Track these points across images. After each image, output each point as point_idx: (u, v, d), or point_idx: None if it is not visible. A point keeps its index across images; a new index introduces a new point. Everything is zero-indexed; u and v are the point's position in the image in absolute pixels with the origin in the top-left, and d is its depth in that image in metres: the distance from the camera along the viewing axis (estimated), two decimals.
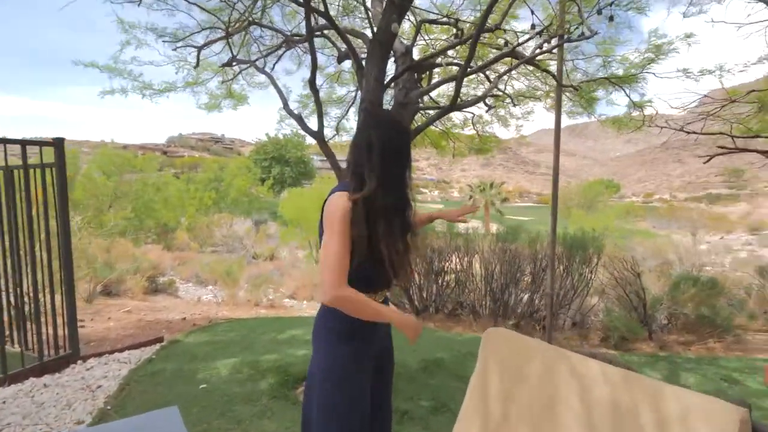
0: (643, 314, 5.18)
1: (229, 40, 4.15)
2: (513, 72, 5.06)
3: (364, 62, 3.19)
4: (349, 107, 6.96)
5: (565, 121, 5.64)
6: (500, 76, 3.65)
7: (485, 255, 6.27)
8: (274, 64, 4.94)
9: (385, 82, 3.19)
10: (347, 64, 5.77)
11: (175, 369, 3.69)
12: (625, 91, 5.27)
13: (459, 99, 3.06)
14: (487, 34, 3.91)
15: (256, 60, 4.41)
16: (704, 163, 5.52)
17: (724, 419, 0.95)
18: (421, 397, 3.31)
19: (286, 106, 3.35)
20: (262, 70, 3.76)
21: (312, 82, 2.93)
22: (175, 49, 4.47)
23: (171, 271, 11.29)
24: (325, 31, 4.13)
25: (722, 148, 5.02)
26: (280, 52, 4.90)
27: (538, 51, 3.42)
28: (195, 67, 4.69)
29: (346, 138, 7.98)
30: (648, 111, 5.49)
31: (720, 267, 9.69)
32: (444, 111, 3.06)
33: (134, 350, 4.21)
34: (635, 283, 5.20)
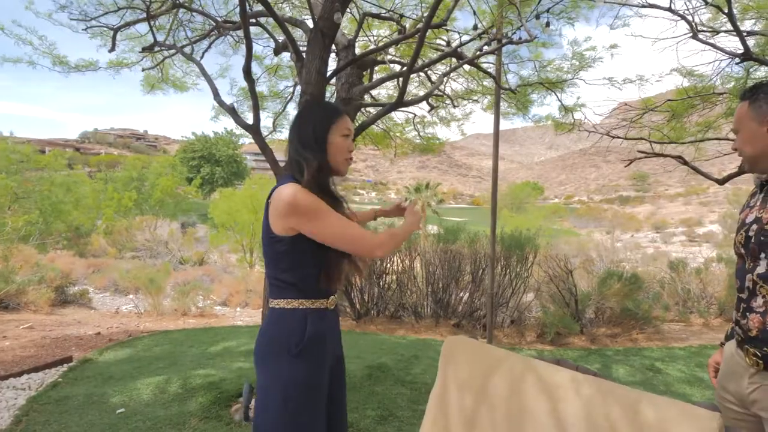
0: (575, 310, 5.45)
1: (153, 22, 3.73)
2: (452, 73, 5.10)
3: (304, 54, 2.99)
4: (288, 102, 6.67)
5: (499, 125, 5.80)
6: (444, 75, 3.61)
7: (427, 256, 6.27)
8: (203, 52, 4.56)
9: (327, 75, 3.00)
10: (286, 57, 5.50)
11: (86, 393, 3.22)
12: (557, 95, 5.53)
13: (403, 97, 2.97)
14: (429, 31, 3.86)
15: (184, 46, 4.02)
16: (625, 166, 5.93)
17: (703, 427, 0.90)
18: (366, 407, 3.16)
19: (216, 96, 3.04)
20: (190, 57, 3.41)
21: (247, 71, 2.68)
22: (85, 29, 3.95)
23: (84, 279, 10.17)
24: (261, 19, 3.84)
25: (642, 152, 5.41)
26: (210, 39, 4.54)
27: (479, 53, 3.42)
28: (110, 51, 4.18)
29: (285, 135, 7.63)
30: (577, 116, 5.82)
31: (634, 262, 10.56)
32: (390, 108, 2.95)
33: (35, 373, 3.64)
34: (568, 280, 5.47)
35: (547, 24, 3.77)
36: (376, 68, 5.16)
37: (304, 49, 3.04)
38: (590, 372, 1.15)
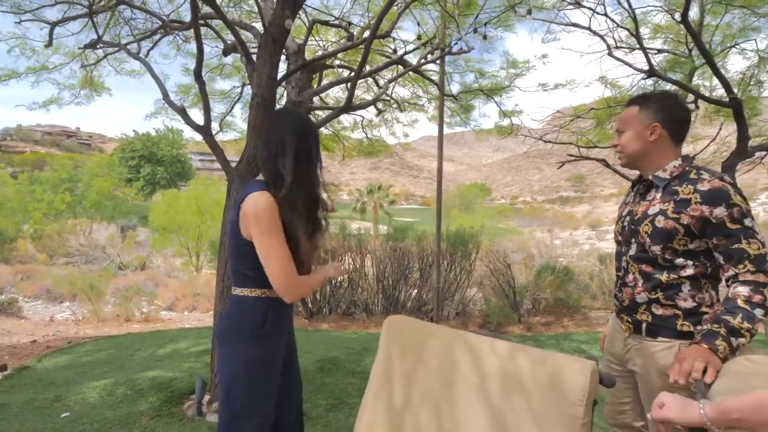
0: (513, 301, 5.88)
1: (93, 18, 3.65)
2: (399, 79, 5.36)
3: (254, 57, 3.09)
4: (235, 102, 6.63)
5: (445, 128, 6.15)
6: (390, 82, 3.83)
7: (377, 254, 6.48)
8: (149, 50, 4.48)
9: (278, 79, 3.12)
10: (231, 57, 5.50)
11: (25, 400, 3.11)
12: (495, 101, 5.95)
13: (352, 101, 3.14)
14: (376, 40, 4.07)
15: (128, 44, 3.96)
16: (558, 168, 6.47)
17: (581, 369, 1.15)
18: (318, 397, 3.30)
19: (166, 97, 3.06)
20: (136, 56, 3.38)
21: (198, 73, 2.74)
22: (19, 22, 3.78)
23: (11, 288, 9.45)
24: (210, 21, 3.87)
25: (571, 156, 5.95)
26: (155, 37, 4.47)
27: (423, 61, 3.67)
28: (46, 47, 4.03)
29: (231, 136, 7.57)
30: (515, 121, 6.28)
31: (570, 258, 11.36)
32: (338, 112, 3.11)
33: None
34: (506, 274, 5.90)
35: (485, 37, 4.09)
36: (325, 72, 5.31)
37: (254, 51, 3.13)
38: (504, 338, 1.38)
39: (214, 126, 6.18)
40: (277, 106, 3.34)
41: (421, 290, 6.33)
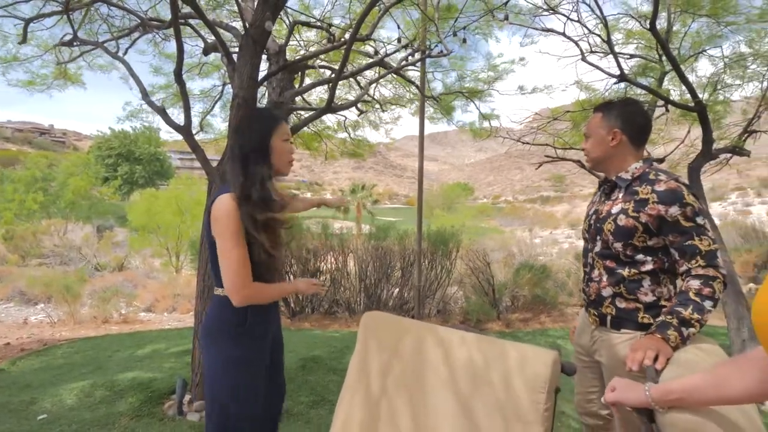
0: (493, 298, 6.01)
1: (69, 15, 3.61)
2: (381, 80, 5.42)
3: (235, 57, 3.10)
4: (215, 102, 6.59)
5: (428, 128, 6.26)
6: (371, 83, 3.88)
7: (359, 253, 6.53)
8: (126, 49, 4.43)
9: (259, 80, 3.14)
10: (211, 55, 5.47)
11: (1, 403, 3.06)
12: (475, 104, 6.06)
13: (333, 102, 3.19)
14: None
15: (105, 42, 3.91)
16: (536, 169, 6.62)
17: (544, 359, 1.23)
18: (300, 394, 3.34)
19: (146, 96, 3.05)
20: (114, 55, 3.36)
21: (178, 73, 2.74)
22: None
23: None
24: (191, 20, 3.86)
25: (548, 157, 6.10)
26: (133, 35, 4.42)
27: (404, 63, 3.73)
28: (20, 43, 3.95)
29: (212, 135, 7.51)
30: (494, 123, 6.41)
31: (549, 256, 11.60)
32: (320, 112, 3.15)
33: None
34: (486, 272, 6.02)
35: (464, 40, 4.19)
36: (307, 72, 5.33)
37: (234, 51, 3.15)
38: (475, 331, 1.45)
39: (194, 125, 6.14)
40: (259, 107, 3.36)
41: (403, 289, 6.42)
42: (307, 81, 4.77)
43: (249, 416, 1.51)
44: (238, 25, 4.24)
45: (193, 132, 6.51)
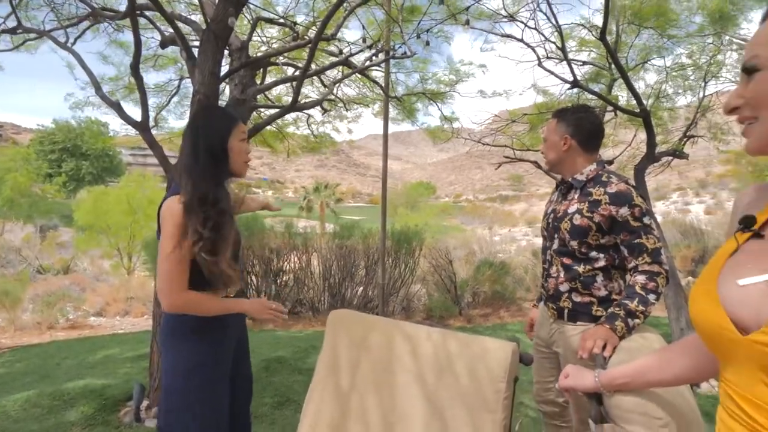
0: (455, 295, 6.16)
1: (12, 1, 3.37)
2: (345, 79, 5.42)
3: (195, 51, 3.02)
4: (171, 97, 6.37)
5: (392, 128, 6.32)
6: (336, 83, 3.88)
7: (323, 252, 6.50)
8: (75, 39, 4.20)
9: (221, 76, 3.07)
10: (168, 48, 5.29)
11: None
12: (437, 106, 6.19)
13: (297, 100, 3.17)
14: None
15: (52, 30, 3.69)
16: (495, 169, 6.85)
17: (503, 350, 1.30)
18: (264, 396, 3.30)
19: (99, 90, 2.91)
20: (63, 46, 3.18)
21: (135, 67, 2.64)
22: None
23: None
24: (147, 12, 3.72)
25: (507, 157, 6.32)
26: (83, 25, 4.19)
27: (368, 63, 3.76)
28: None
29: (167, 131, 7.25)
30: (456, 125, 6.57)
31: (508, 253, 12.00)
32: (284, 111, 3.12)
33: None
34: (448, 269, 6.17)
35: (427, 43, 4.26)
36: (268, 69, 5.25)
37: (194, 45, 3.07)
38: (438, 327, 1.51)
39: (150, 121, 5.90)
40: (217, 105, 3.28)
41: (368, 287, 6.45)
42: (269, 78, 4.70)
43: (210, 418, 1.46)
44: (197, 18, 4.12)
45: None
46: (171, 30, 3.12)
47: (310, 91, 6.29)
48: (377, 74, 5.37)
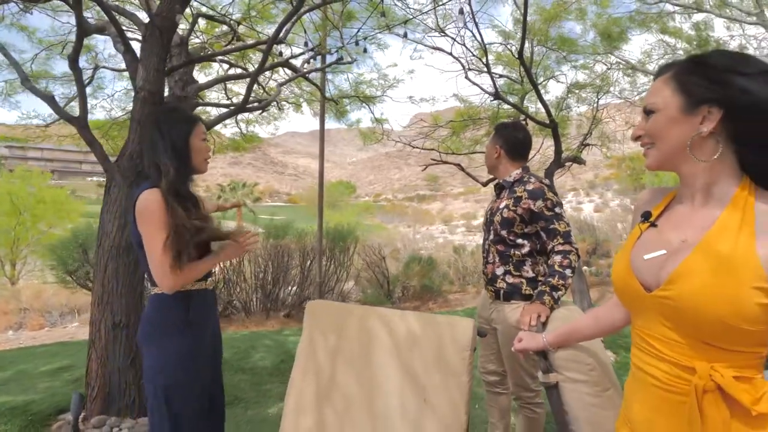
0: (387, 290, 6.48)
1: None
2: (276, 77, 5.45)
3: (134, 47, 2.93)
4: (88, 83, 5.87)
5: (310, 125, 6.48)
6: (281, 84, 3.94)
7: (256, 252, 6.41)
8: None
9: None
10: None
11: None
12: (369, 108, 6.46)
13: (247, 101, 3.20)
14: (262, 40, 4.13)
15: None
16: (422, 170, 7.30)
17: (466, 325, 1.57)
18: None
19: (26, 81, 2.69)
20: None
21: (75, 59, 2.51)
22: None
23: None
24: None
25: (433, 159, 6.78)
26: None
27: (318, 67, 3.89)
28: None
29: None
30: (386, 126, 6.89)
31: (429, 250, 12.68)
32: (235, 111, 3.14)
33: None
34: (381, 266, 6.46)
35: (365, 50, 4.49)
36: (202, 65, 5.11)
37: (132, 39, 2.96)
38: (408, 310, 1.74)
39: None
40: (174, 104, 3.19)
41: (302, 286, 6.50)
42: (201, 76, 4.60)
43: (195, 411, 1.54)
44: (130, 7, 3.92)
45: (50, 120, 5.77)
46: (95, 18, 2.98)
47: (241, 88, 6.19)
48: (313, 75, 5.48)
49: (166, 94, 3.89)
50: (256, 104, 3.39)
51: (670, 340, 0.82)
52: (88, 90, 6.02)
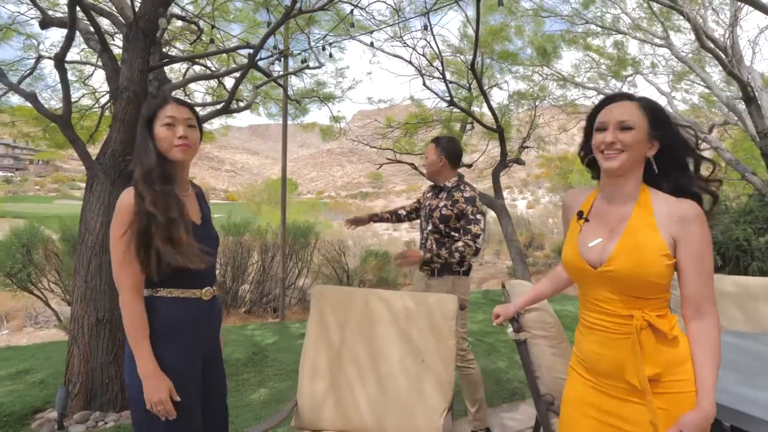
0: (347, 284, 6.74)
1: None
2: (244, 78, 5.53)
3: (111, 45, 2.97)
4: (24, 77, 5.57)
5: (249, 119, 6.64)
6: (258, 87, 4.08)
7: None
8: None
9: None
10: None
11: None
12: (329, 107, 6.70)
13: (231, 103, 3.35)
14: (232, 43, 4.24)
15: None
16: (377, 169, 7.65)
17: (452, 300, 1.93)
18: None
19: (3, 77, 2.66)
20: None
21: (61, 58, 2.54)
22: None
23: None
24: None
25: (389, 159, 7.16)
26: None
27: (289, 71, 4.08)
28: None
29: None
30: (343, 124, 7.17)
31: (379, 245, 13.07)
32: (218, 112, 3.27)
33: None
34: (341, 261, 6.71)
35: (330, 55, 4.74)
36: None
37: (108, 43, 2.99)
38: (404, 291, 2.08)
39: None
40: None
41: (263, 283, 6.58)
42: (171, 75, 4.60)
43: (185, 418, 1.37)
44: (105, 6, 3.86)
45: None
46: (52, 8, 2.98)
47: (201, 87, 6.18)
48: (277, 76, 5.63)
49: None
50: (242, 104, 3.53)
51: (612, 299, 1.19)
52: (27, 80, 5.74)
